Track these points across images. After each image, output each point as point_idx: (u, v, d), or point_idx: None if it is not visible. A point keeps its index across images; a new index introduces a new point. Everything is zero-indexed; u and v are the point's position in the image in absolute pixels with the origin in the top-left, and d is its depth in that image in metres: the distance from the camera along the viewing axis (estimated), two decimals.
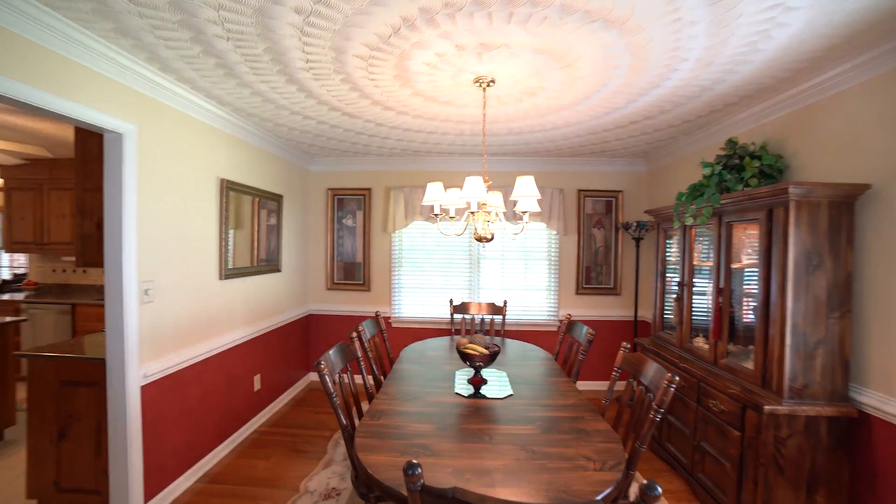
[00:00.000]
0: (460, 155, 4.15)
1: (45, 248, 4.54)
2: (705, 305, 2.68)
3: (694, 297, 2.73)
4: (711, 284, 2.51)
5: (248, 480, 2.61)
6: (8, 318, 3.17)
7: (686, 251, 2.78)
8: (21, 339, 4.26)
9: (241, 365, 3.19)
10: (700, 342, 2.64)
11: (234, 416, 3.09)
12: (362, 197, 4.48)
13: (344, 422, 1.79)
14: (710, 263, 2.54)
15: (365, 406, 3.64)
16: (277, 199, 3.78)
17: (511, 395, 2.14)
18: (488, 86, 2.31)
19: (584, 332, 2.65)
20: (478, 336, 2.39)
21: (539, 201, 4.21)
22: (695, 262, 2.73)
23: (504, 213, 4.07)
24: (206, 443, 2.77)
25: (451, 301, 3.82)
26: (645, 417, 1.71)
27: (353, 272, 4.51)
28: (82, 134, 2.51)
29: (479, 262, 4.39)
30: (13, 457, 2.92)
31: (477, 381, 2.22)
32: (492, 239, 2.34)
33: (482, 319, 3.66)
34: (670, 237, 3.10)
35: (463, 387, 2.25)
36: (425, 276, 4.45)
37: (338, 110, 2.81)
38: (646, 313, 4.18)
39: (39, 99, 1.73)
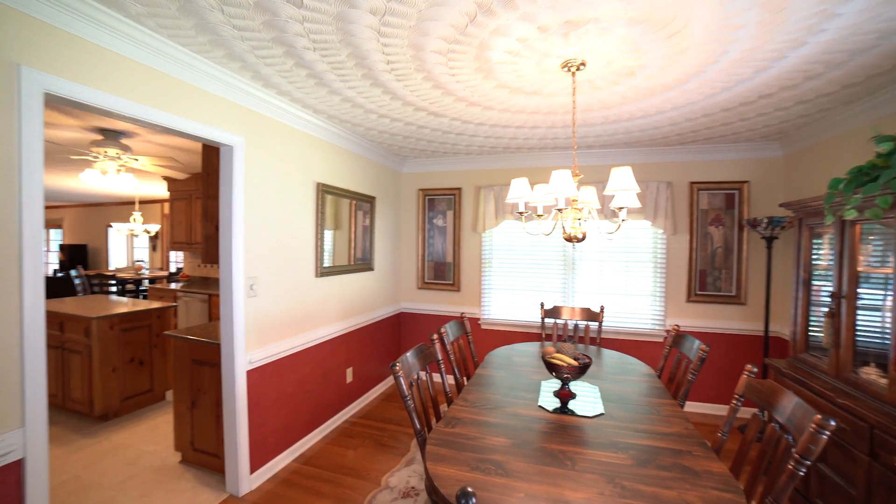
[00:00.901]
0: (553, 149, 3.89)
1: (193, 247, 5.42)
2: (878, 324, 2.06)
3: (858, 312, 2.12)
4: (892, 298, 1.90)
5: (336, 467, 2.76)
6: (156, 305, 3.84)
7: (845, 253, 2.18)
8: (178, 320, 5.15)
9: (334, 358, 3.41)
10: (871, 373, 2.03)
11: (326, 406, 3.31)
12: (452, 196, 4.48)
13: (418, 426, 1.76)
14: (889, 270, 1.93)
15: (444, 409, 3.62)
16: (370, 200, 3.96)
17: (602, 414, 1.90)
18: (578, 69, 2.09)
19: (695, 347, 2.25)
20: (566, 345, 2.18)
21: (641, 196, 3.75)
22: (860, 268, 2.12)
23: (599, 211, 3.72)
24: (301, 427, 3.01)
25: (542, 304, 3.60)
26: (781, 466, 1.35)
27: (443, 272, 4.54)
28: (207, 149, 2.90)
29: (575, 264, 4.07)
30: (170, 414, 3.53)
31: (564, 395, 2.02)
32: (583, 239, 2.10)
33: (576, 325, 3.38)
34: (819, 236, 2.48)
35: (548, 399, 2.07)
36: (516, 277, 4.29)
37: (423, 110, 2.82)
38: (780, 328, 3.45)
39: (181, 125, 2.05)
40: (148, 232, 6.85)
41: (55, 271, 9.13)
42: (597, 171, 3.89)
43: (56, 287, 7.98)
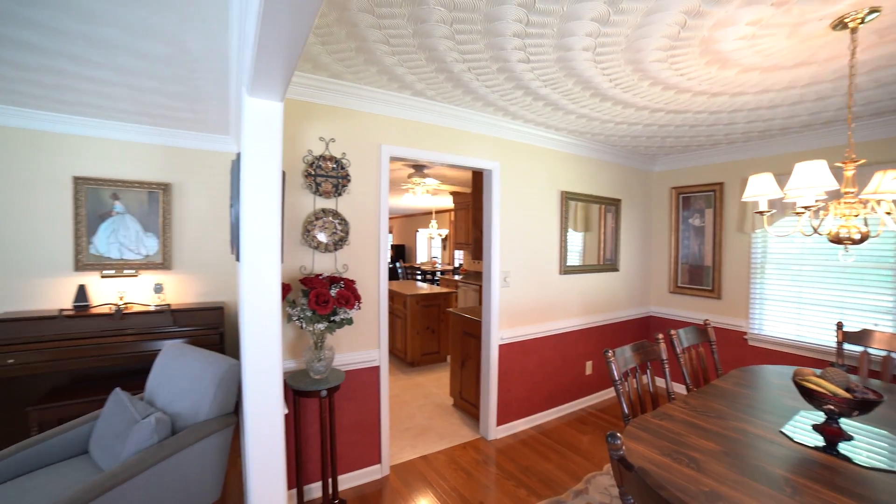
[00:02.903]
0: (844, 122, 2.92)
1: (469, 246, 6.87)
2: None
3: None
4: None
5: (566, 444, 3.11)
6: (444, 290, 5.17)
7: None
8: (458, 303, 6.68)
9: (573, 349, 3.74)
10: None
11: (563, 390, 3.68)
12: (712, 193, 4.00)
13: (626, 411, 1.91)
14: None
15: None
16: (615, 203, 4.07)
17: (891, 470, 1.47)
18: (861, 22, 1.69)
19: None
20: (833, 370, 1.78)
21: None
22: None
23: None
24: (539, 402, 3.50)
25: (838, 325, 2.80)
26: None
27: (699, 276, 4.11)
28: (475, 173, 3.80)
29: None
30: (448, 371, 4.79)
31: (832, 433, 1.67)
32: (861, 240, 1.69)
33: (888, 356, 2.48)
34: None
35: (801, 430, 1.76)
36: (801, 287, 3.43)
37: (660, 111, 2.79)
38: None
39: (457, 160, 2.94)
40: (440, 235, 9.05)
41: (388, 263, 13.26)
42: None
43: (389, 274, 11.60)
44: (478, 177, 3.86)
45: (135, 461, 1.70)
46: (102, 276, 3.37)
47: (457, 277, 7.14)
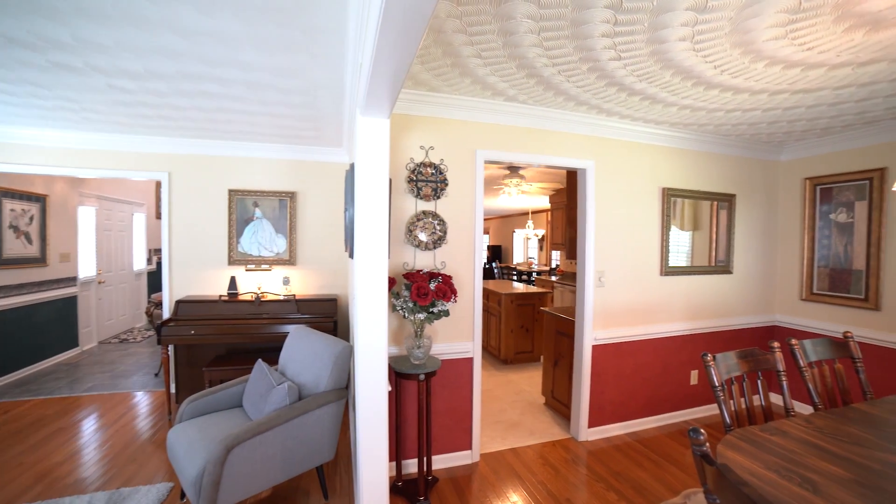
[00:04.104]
0: None
1: (563, 246, 6.70)
2: None
3: None
4: None
5: (665, 455, 2.93)
6: (539, 290, 5.15)
7: None
8: (552, 304, 6.59)
9: (675, 355, 3.48)
10: None
11: (664, 399, 3.45)
12: (865, 182, 3.38)
13: (727, 420, 1.79)
14: None
15: None
16: (728, 199, 3.69)
17: None
18: None
19: None
20: None
21: None
22: None
23: None
24: (634, 408, 3.34)
25: None
26: None
27: (844, 282, 3.51)
28: (569, 172, 3.76)
29: None
30: (541, 370, 4.79)
31: None
32: None
33: None
34: None
35: None
36: None
37: (783, 92, 2.49)
38: None
39: (551, 161, 2.99)
40: (536, 235, 8.96)
41: (484, 263, 13.46)
42: None
43: (484, 273, 11.80)
44: (572, 176, 3.81)
45: (273, 416, 2.11)
46: (247, 270, 4.12)
47: (553, 278, 7.03)
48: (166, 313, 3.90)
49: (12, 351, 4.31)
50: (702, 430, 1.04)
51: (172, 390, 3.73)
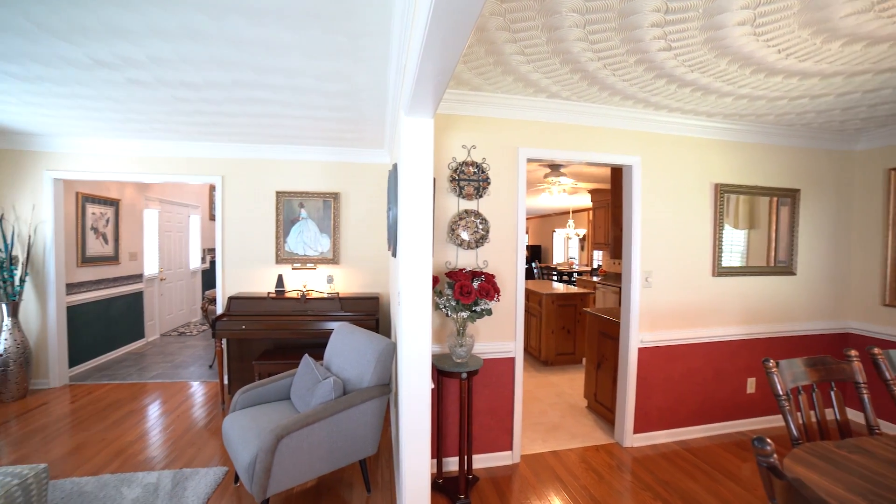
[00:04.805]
0: None
1: (606, 246, 6.50)
2: None
3: None
4: None
5: (717, 466, 2.76)
6: (580, 290, 5.02)
7: None
8: (594, 305, 6.40)
9: (730, 361, 3.28)
10: None
11: (717, 407, 3.26)
12: None
13: (795, 434, 1.66)
14: None
15: None
16: (791, 194, 3.42)
17: None
18: None
19: None
20: None
21: None
22: None
23: None
24: (685, 416, 3.17)
25: None
26: None
27: None
28: (614, 170, 3.63)
29: None
30: (583, 372, 4.66)
31: None
32: None
33: None
34: None
35: None
36: None
37: (862, 73, 2.27)
38: None
39: (593, 157, 2.90)
40: (578, 235, 8.72)
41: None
42: None
43: (524, 273, 11.65)
44: (617, 173, 3.68)
45: (320, 409, 2.19)
46: (293, 269, 4.29)
47: (595, 279, 6.83)
48: (220, 309, 4.14)
49: (93, 339, 4.74)
50: (768, 440, 0.98)
51: (225, 381, 3.95)
